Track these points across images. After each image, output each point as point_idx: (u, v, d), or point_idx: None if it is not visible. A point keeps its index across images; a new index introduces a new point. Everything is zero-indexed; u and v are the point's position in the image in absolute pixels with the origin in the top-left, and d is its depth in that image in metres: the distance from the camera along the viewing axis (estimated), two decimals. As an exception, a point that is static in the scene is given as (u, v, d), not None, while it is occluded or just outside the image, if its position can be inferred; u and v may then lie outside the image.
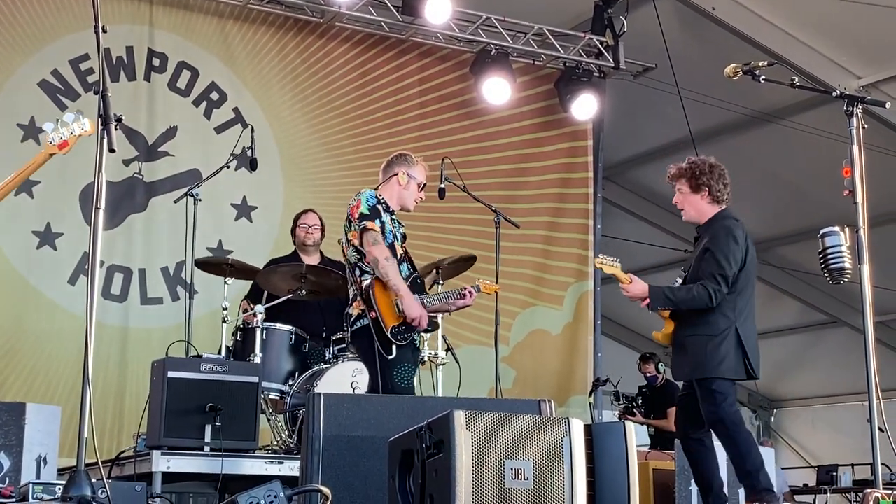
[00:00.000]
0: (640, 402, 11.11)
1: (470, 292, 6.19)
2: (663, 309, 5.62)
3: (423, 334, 6.21)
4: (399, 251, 5.88)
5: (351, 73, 9.82)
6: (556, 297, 10.34)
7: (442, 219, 9.53)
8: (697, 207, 5.85)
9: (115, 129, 4.04)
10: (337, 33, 9.77)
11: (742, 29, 9.79)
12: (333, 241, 8.04)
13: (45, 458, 5.57)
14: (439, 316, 7.39)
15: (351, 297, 5.91)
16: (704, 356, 5.50)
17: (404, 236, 6.02)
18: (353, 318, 5.81)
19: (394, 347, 5.68)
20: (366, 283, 5.72)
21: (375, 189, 6.01)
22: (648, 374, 11.02)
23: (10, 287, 8.25)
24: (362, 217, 5.72)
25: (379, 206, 5.82)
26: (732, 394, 5.54)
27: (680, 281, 5.70)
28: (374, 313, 5.64)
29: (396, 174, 6.04)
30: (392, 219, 5.92)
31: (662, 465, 7.62)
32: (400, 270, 5.76)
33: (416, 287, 5.89)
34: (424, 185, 6.14)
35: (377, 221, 5.73)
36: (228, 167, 8.02)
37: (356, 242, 5.80)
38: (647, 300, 5.60)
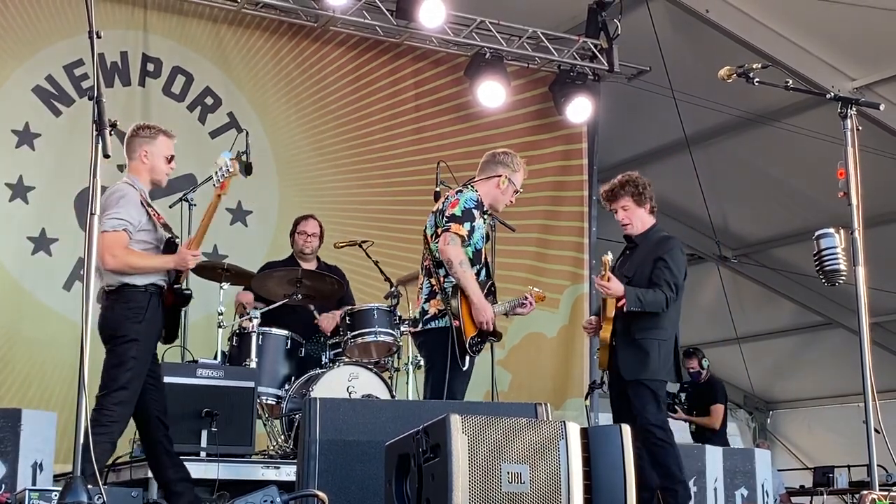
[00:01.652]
0: (682, 398, 10.86)
1: (531, 302, 6.39)
2: (634, 310, 5.93)
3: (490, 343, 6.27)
4: (482, 256, 5.97)
5: (345, 77, 9.82)
6: (552, 300, 10.32)
7: (437, 222, 9.52)
8: (643, 220, 6.29)
9: (110, 134, 4.04)
10: (331, 37, 9.78)
11: (736, 31, 9.80)
12: (331, 247, 8.07)
13: (41, 464, 5.57)
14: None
15: (428, 291, 5.92)
16: (653, 358, 5.93)
17: (487, 236, 6.11)
18: (427, 316, 5.87)
19: (467, 359, 5.86)
20: (449, 287, 5.79)
21: (472, 184, 6.05)
22: (691, 370, 10.78)
23: (4, 293, 8.24)
24: (452, 218, 5.80)
25: (475, 210, 5.88)
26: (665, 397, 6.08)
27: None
28: (458, 322, 5.73)
29: (500, 176, 6.09)
30: (486, 219, 6.01)
31: (659, 467, 7.62)
32: (478, 275, 5.89)
33: (490, 294, 6.00)
34: (518, 191, 6.23)
35: (466, 225, 5.80)
36: (223, 172, 7.99)
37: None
38: (623, 300, 5.91)
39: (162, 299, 5.54)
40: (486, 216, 6.02)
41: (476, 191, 6.01)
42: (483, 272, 6.01)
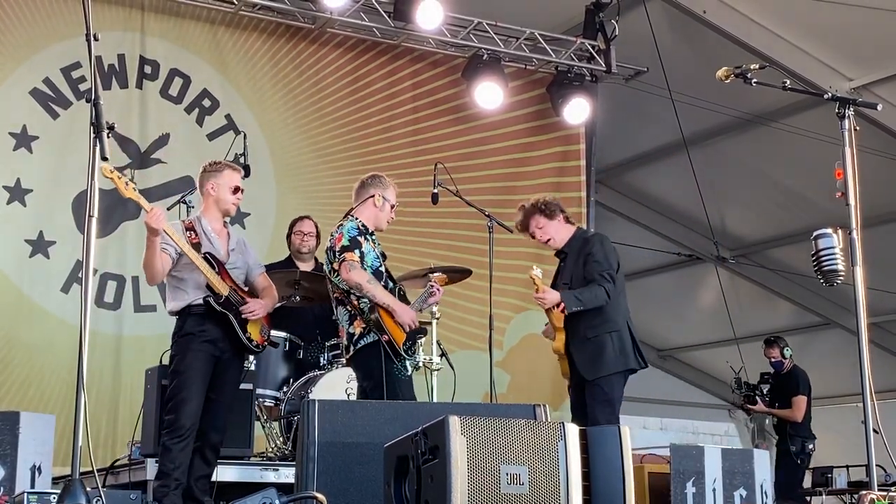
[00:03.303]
0: (763, 390, 10.37)
1: (437, 289, 6.48)
2: (576, 309, 6.09)
3: (419, 342, 6.45)
4: (382, 274, 6.12)
5: (343, 78, 9.82)
6: (551, 302, 10.34)
7: (435, 224, 9.53)
8: (560, 231, 6.49)
9: (108, 137, 4.04)
10: (329, 39, 9.77)
11: (733, 32, 9.81)
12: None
13: (39, 467, 5.56)
14: (433, 322, 7.45)
15: (347, 317, 6.08)
16: (611, 351, 6.11)
17: (384, 254, 6.25)
18: (356, 337, 6.00)
19: (407, 363, 6.02)
20: (365, 307, 5.94)
21: (351, 212, 6.23)
22: (773, 360, 10.30)
23: (2, 296, 8.22)
24: (343, 249, 5.98)
25: (359, 237, 6.05)
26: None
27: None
28: (386, 336, 5.88)
29: (372, 196, 6.26)
30: (372, 239, 6.17)
31: (658, 468, 7.62)
32: (386, 285, 6.06)
33: (401, 298, 6.14)
34: (394, 206, 6.38)
35: (356, 251, 5.98)
36: (221, 174, 7.99)
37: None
38: (562, 304, 6.08)
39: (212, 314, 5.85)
40: (372, 239, 6.18)
41: (356, 219, 6.16)
42: (390, 284, 6.15)
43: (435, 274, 6.79)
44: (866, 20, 9.16)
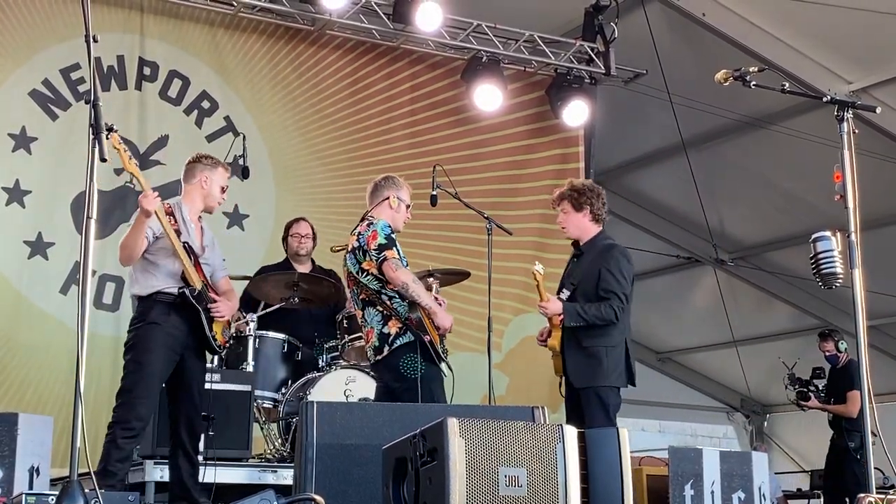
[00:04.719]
0: (818, 386, 10.11)
1: (442, 300, 6.45)
2: (575, 325, 6.02)
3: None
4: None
5: (342, 80, 9.81)
6: (549, 304, 10.34)
7: (434, 226, 9.52)
8: (580, 226, 6.32)
9: (107, 138, 4.04)
10: (328, 41, 9.77)
11: (732, 35, 9.82)
12: (325, 249, 8.07)
13: (37, 468, 5.54)
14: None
15: (379, 318, 6.00)
16: (604, 365, 6.01)
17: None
18: (392, 337, 5.94)
19: (443, 365, 6.06)
20: (399, 306, 5.93)
21: (367, 214, 6.23)
22: (828, 353, 9.98)
23: (1, 297, 8.22)
24: (381, 248, 5.91)
25: (393, 235, 6.00)
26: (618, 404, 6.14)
27: (568, 293, 6.14)
28: (428, 336, 5.88)
29: (388, 198, 6.24)
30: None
31: (656, 470, 7.61)
32: None
33: None
34: (409, 206, 6.37)
35: (395, 249, 5.94)
36: (220, 176, 8.00)
37: (374, 271, 5.97)
38: (562, 316, 6.02)
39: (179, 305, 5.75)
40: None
41: (381, 219, 6.12)
42: None
43: (431, 278, 6.85)
44: (865, 23, 9.16)
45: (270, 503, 4.27)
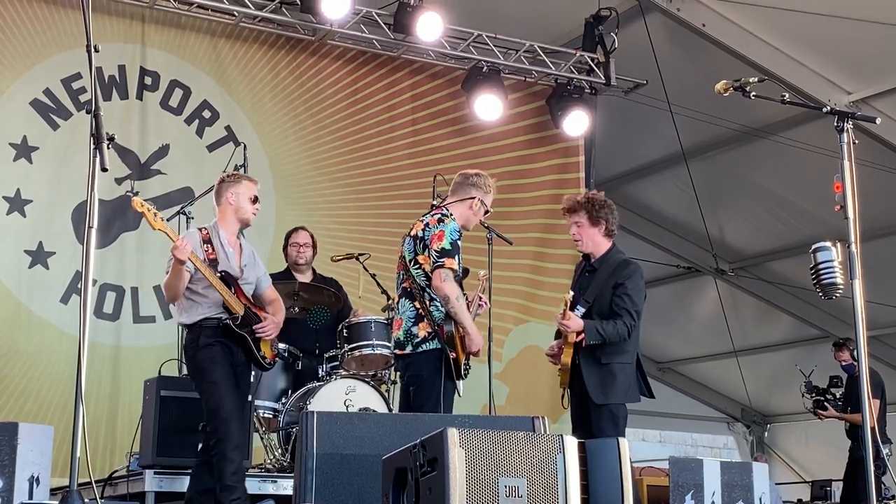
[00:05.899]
0: (835, 395, 10.12)
1: (484, 301, 6.62)
2: (594, 342, 5.98)
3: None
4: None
5: (343, 90, 9.83)
6: (549, 313, 10.28)
7: (434, 235, 9.51)
8: (594, 240, 6.28)
9: (108, 147, 4.05)
10: (328, 51, 9.79)
11: (732, 45, 9.83)
12: (325, 259, 8.08)
13: (37, 477, 5.55)
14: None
15: (413, 314, 6.00)
16: (618, 381, 6.01)
17: None
18: (418, 339, 5.95)
19: (460, 383, 6.06)
20: (436, 311, 5.93)
21: (444, 204, 6.22)
22: (844, 363, 10.05)
23: (1, 306, 8.22)
24: (443, 253, 5.91)
25: (459, 242, 5.99)
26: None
27: (583, 310, 6.08)
28: (454, 354, 5.89)
29: (473, 198, 6.20)
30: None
31: (657, 481, 7.63)
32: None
33: None
34: (489, 211, 6.34)
35: (456, 258, 5.93)
36: (221, 185, 8.00)
37: (427, 268, 5.98)
38: (583, 334, 5.96)
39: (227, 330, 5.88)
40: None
41: (454, 218, 6.10)
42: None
43: (482, 273, 6.91)
44: (865, 34, 9.17)
45: (270, 513, 4.27)
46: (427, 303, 5.94)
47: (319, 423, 4.51)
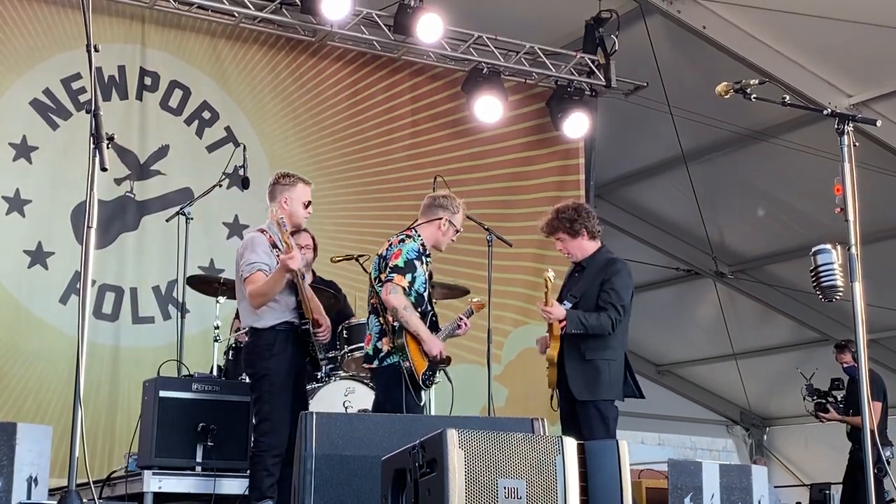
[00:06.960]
0: (837, 397, 10.08)
1: (465, 323, 6.71)
2: (576, 332, 6.04)
3: (442, 371, 6.61)
4: (424, 299, 6.18)
5: (343, 91, 9.83)
6: (549, 315, 10.32)
7: (434, 237, 9.51)
8: (581, 247, 6.35)
9: (107, 147, 4.05)
10: (329, 52, 9.79)
11: (733, 48, 9.83)
12: (325, 261, 8.07)
13: (35, 478, 5.54)
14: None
15: (378, 330, 6.14)
16: (603, 378, 6.05)
17: (431, 274, 6.31)
18: (382, 354, 6.08)
19: (423, 393, 6.16)
20: (396, 327, 6.02)
21: (414, 226, 6.29)
22: (846, 365, 10.00)
23: (0, 306, 8.22)
24: (395, 269, 6.04)
25: (416, 262, 6.10)
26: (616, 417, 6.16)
27: (569, 305, 6.15)
28: (408, 363, 5.98)
29: (440, 219, 6.28)
30: (427, 260, 6.22)
31: (656, 483, 7.62)
32: (424, 315, 6.13)
33: (432, 326, 6.22)
34: (459, 230, 6.42)
35: (407, 276, 6.04)
36: (220, 186, 8.01)
37: None
38: (565, 322, 6.03)
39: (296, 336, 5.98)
40: (427, 259, 6.23)
41: (419, 236, 6.22)
42: (428, 308, 6.22)
43: (475, 300, 6.98)
44: (866, 37, 9.17)
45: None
46: (390, 319, 6.04)
47: (318, 423, 4.51)
